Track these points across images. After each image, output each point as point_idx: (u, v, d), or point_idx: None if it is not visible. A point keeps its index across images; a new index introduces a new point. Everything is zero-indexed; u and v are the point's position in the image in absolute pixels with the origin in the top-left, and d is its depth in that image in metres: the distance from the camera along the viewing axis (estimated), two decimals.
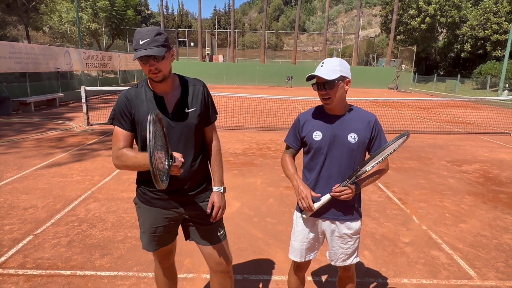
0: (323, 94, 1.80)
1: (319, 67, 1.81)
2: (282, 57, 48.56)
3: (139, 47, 1.58)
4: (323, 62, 1.82)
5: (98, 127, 9.07)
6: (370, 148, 1.89)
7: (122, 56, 23.33)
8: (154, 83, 1.73)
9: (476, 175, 5.84)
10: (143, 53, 1.56)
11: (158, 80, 1.66)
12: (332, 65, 1.78)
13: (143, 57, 1.58)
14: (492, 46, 27.95)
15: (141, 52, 1.57)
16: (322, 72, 1.77)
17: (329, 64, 1.78)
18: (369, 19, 61.97)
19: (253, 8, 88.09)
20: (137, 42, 1.59)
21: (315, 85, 1.83)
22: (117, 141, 1.73)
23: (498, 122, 11.69)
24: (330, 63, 1.79)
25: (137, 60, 1.61)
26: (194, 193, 1.84)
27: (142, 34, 1.59)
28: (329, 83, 1.76)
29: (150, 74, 1.64)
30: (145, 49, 1.57)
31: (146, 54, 1.56)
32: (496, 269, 3.02)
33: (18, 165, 5.61)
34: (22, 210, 3.94)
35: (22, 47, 12.75)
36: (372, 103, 16.62)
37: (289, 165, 2.01)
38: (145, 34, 1.59)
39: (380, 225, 3.85)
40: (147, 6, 61.46)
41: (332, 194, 1.80)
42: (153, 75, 1.63)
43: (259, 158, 6.51)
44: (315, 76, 1.80)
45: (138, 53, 1.57)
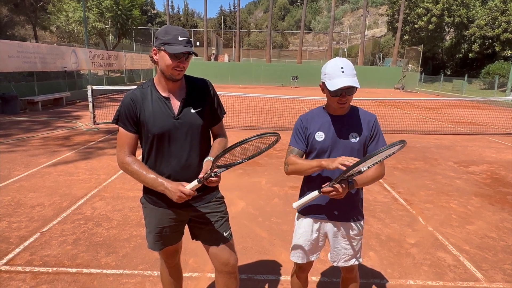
0: (344, 100, 1.75)
1: (339, 72, 1.70)
2: (287, 56, 48.50)
3: (178, 43, 1.61)
4: (342, 68, 1.71)
5: (105, 126, 9.13)
6: (367, 147, 1.86)
7: (128, 55, 23.46)
8: (161, 83, 1.72)
9: (483, 176, 5.77)
10: (185, 49, 1.61)
11: (179, 78, 1.70)
12: (351, 68, 1.72)
13: (180, 53, 1.61)
14: (501, 45, 27.60)
15: (182, 48, 1.60)
16: (351, 81, 1.69)
17: (349, 69, 1.71)
18: (375, 19, 61.62)
19: (258, 8, 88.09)
20: (175, 37, 1.61)
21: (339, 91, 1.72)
22: (123, 144, 1.75)
23: (506, 123, 11.55)
24: (348, 67, 1.71)
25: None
26: (201, 194, 1.84)
27: (179, 31, 1.63)
28: (352, 89, 1.73)
29: (174, 70, 1.65)
30: (184, 46, 1.61)
31: (188, 50, 1.61)
32: (504, 272, 2.98)
33: (25, 163, 5.67)
34: (29, 208, 3.98)
35: (30, 47, 12.88)
36: (378, 103, 16.52)
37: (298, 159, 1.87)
38: (182, 32, 1.63)
39: (386, 226, 3.82)
40: (153, 5, 61.71)
41: (322, 191, 1.71)
42: (177, 71, 1.66)
43: (264, 157, 6.51)
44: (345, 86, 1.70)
45: (178, 48, 1.60)
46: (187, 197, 1.63)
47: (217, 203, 1.91)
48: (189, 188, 1.63)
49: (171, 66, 1.63)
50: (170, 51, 1.59)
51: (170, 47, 1.60)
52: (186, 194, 1.61)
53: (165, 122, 1.70)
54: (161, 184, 1.66)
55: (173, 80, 1.70)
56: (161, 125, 1.70)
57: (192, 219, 1.90)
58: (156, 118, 1.70)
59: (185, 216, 1.89)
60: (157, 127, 1.70)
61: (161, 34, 1.63)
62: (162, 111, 1.71)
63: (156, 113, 1.70)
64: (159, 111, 1.71)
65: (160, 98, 1.73)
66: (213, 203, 1.89)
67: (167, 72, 1.66)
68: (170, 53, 1.60)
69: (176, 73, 1.65)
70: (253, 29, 63.55)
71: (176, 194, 1.62)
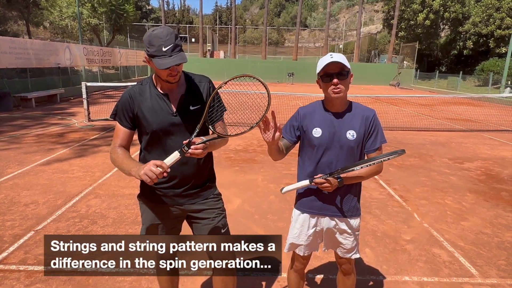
0: (336, 83, 1.72)
1: (328, 57, 1.73)
2: (283, 53, 48.36)
3: (163, 54, 1.51)
4: (331, 55, 1.74)
5: (99, 123, 9.06)
6: (364, 144, 1.84)
7: (122, 51, 23.24)
8: (161, 81, 1.70)
9: (478, 173, 5.82)
10: (172, 63, 1.51)
11: (176, 81, 1.64)
12: (341, 57, 1.72)
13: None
14: (495, 42, 27.78)
15: (169, 61, 1.50)
16: (340, 58, 1.69)
17: (339, 56, 1.73)
18: (371, 15, 61.64)
19: (254, 4, 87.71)
20: (159, 49, 1.50)
21: (325, 77, 1.74)
22: (116, 137, 1.75)
23: (500, 120, 11.64)
24: (339, 55, 1.74)
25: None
26: (198, 190, 1.84)
27: (163, 40, 1.51)
28: (343, 73, 1.72)
29: (168, 77, 1.59)
30: (170, 56, 1.51)
31: (176, 63, 1.51)
32: (498, 267, 3.01)
33: (19, 161, 5.61)
34: (23, 206, 3.94)
35: (23, 43, 12.74)
36: (373, 100, 16.56)
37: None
38: (166, 39, 1.51)
39: (381, 222, 3.84)
40: (147, 1, 61.16)
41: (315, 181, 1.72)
42: (172, 78, 1.60)
43: (260, 154, 6.50)
44: (328, 66, 1.71)
45: (165, 61, 1.50)
46: (156, 174, 1.47)
47: (214, 200, 1.91)
48: (168, 163, 1.51)
49: (164, 75, 1.61)
50: (158, 67, 1.53)
51: (157, 61, 1.53)
52: (154, 171, 1.46)
53: (163, 118, 1.69)
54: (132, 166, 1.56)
55: (172, 83, 1.67)
56: (159, 122, 1.69)
57: (190, 215, 1.90)
58: (154, 114, 1.69)
59: (181, 213, 1.88)
60: (155, 123, 1.69)
61: (146, 44, 1.55)
62: (161, 107, 1.70)
63: (154, 110, 1.69)
64: (158, 107, 1.69)
65: (158, 94, 1.71)
66: (211, 199, 1.89)
67: (163, 78, 1.64)
68: (162, 68, 1.53)
69: (171, 79, 1.62)
70: (249, 25, 63.30)
71: (141, 170, 1.48)
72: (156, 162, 1.49)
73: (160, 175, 1.48)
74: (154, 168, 1.47)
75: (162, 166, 1.49)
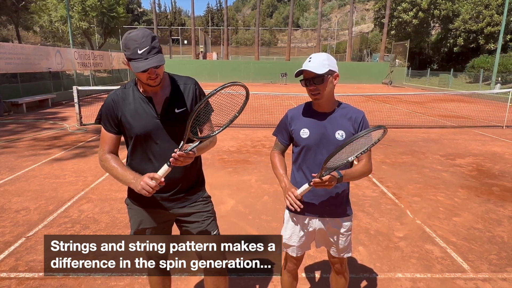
0: (312, 89, 1.76)
1: (306, 62, 1.77)
2: (276, 53, 48.42)
3: (138, 57, 1.49)
4: (311, 57, 1.78)
5: (91, 127, 8.99)
6: None
7: (114, 54, 23.11)
8: (143, 84, 1.67)
9: (469, 169, 5.88)
10: (148, 65, 1.48)
11: (157, 85, 1.61)
12: (320, 59, 1.75)
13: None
14: (485, 39, 28.13)
15: (144, 64, 1.48)
16: (310, 67, 1.73)
17: (317, 59, 1.75)
18: (363, 14, 62.00)
19: (246, 5, 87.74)
20: (134, 51, 1.48)
21: (303, 81, 1.80)
22: (103, 142, 1.73)
23: (490, 116, 11.77)
24: (318, 58, 1.76)
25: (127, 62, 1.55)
26: (186, 194, 1.82)
27: (138, 43, 1.48)
28: (318, 78, 1.73)
29: (148, 81, 1.57)
30: (146, 59, 1.49)
31: (151, 66, 1.49)
32: (489, 262, 3.04)
33: (10, 167, 5.55)
34: (14, 213, 3.90)
35: (12, 47, 12.59)
36: (366, 98, 16.65)
37: (278, 164, 1.96)
38: (141, 42, 1.48)
39: (375, 220, 3.86)
40: (139, 3, 60.92)
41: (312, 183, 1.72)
42: (152, 81, 1.57)
43: (253, 155, 6.50)
44: (304, 71, 1.77)
45: (141, 64, 1.48)
46: (152, 187, 1.52)
47: (203, 203, 1.89)
48: (159, 175, 1.54)
49: (143, 78, 1.58)
50: (134, 70, 1.51)
51: (133, 64, 1.51)
52: (150, 185, 1.51)
53: (147, 122, 1.66)
54: (130, 179, 1.60)
55: (153, 87, 1.64)
56: (143, 125, 1.66)
57: (179, 219, 1.88)
58: (138, 118, 1.66)
59: (170, 217, 1.86)
60: (139, 127, 1.66)
61: (123, 48, 1.54)
62: (144, 111, 1.67)
63: (138, 113, 1.66)
64: (141, 111, 1.67)
65: (142, 98, 1.68)
66: (200, 203, 1.87)
67: (143, 82, 1.62)
68: (137, 72, 1.52)
69: (152, 82, 1.59)
70: (241, 26, 63.30)
71: (138, 185, 1.53)
72: (150, 175, 1.54)
73: (156, 188, 1.53)
74: (150, 182, 1.52)
75: (155, 177, 1.53)
